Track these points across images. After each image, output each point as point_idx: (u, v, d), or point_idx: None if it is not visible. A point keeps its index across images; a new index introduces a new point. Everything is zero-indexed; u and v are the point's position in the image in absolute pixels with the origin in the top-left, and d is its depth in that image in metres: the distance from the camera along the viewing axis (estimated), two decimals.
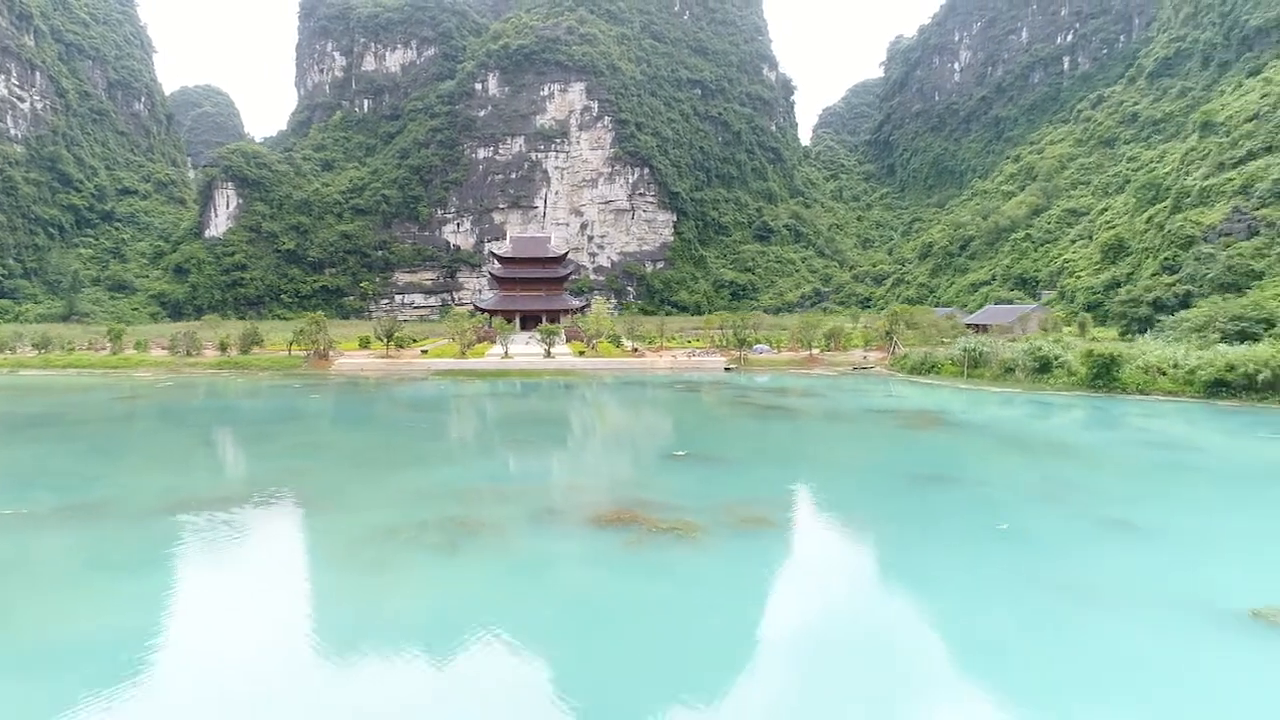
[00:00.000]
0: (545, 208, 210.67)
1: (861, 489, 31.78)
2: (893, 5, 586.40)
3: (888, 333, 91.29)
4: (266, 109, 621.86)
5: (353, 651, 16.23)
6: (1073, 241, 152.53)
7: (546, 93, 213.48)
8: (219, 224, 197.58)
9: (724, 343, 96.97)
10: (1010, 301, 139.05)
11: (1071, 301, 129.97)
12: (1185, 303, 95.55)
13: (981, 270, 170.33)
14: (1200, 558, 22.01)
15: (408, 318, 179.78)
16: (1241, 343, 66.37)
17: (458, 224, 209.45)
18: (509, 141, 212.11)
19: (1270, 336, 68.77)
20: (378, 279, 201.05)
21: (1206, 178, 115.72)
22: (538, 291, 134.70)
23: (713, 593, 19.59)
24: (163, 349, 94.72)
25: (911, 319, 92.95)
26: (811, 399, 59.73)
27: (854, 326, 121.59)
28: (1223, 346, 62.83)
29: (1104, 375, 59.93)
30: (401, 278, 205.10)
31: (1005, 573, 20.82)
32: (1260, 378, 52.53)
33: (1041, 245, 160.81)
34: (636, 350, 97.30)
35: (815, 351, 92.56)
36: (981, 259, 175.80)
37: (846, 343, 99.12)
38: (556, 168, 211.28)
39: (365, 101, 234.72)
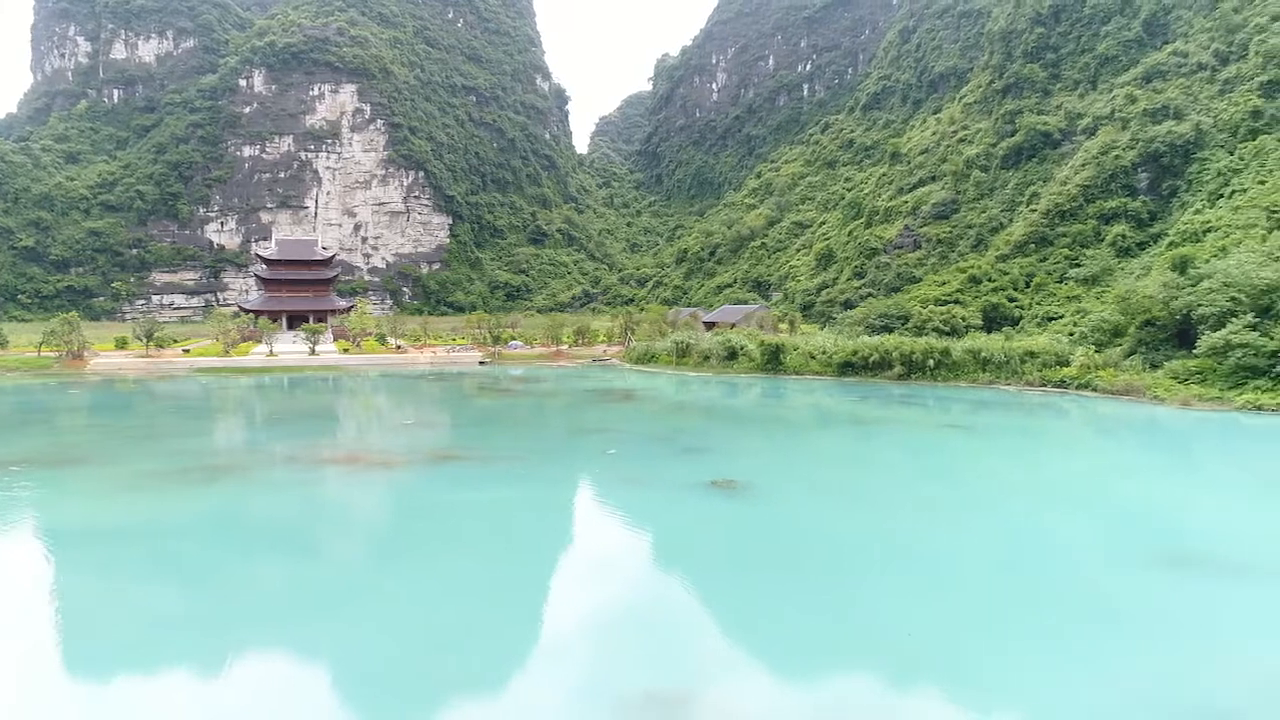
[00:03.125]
0: (316, 208, 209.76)
1: (535, 436, 43.22)
2: (661, 23, 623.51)
3: (625, 329, 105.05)
4: None
5: (129, 535, 25.00)
6: (798, 250, 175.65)
7: (316, 93, 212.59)
8: None
9: (483, 339, 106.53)
10: (745, 302, 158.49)
11: (793, 302, 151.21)
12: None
13: (726, 274, 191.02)
14: (718, 462, 35.10)
15: (168, 319, 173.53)
16: (885, 333, 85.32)
17: (222, 223, 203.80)
18: (277, 140, 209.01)
19: (903, 329, 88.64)
20: (132, 279, 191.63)
21: (890, 199, 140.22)
22: (305, 293, 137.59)
23: (399, 492, 29.87)
24: None
25: (644, 317, 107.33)
26: (543, 384, 71.06)
27: (612, 324, 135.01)
28: (866, 337, 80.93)
29: (773, 360, 75.90)
30: (160, 278, 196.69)
31: (598, 473, 32.85)
32: (872, 360, 69.98)
33: (774, 253, 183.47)
34: (400, 347, 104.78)
35: (564, 346, 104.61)
36: (727, 264, 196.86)
37: (593, 339, 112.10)
38: (328, 168, 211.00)
39: (115, 91, 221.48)
